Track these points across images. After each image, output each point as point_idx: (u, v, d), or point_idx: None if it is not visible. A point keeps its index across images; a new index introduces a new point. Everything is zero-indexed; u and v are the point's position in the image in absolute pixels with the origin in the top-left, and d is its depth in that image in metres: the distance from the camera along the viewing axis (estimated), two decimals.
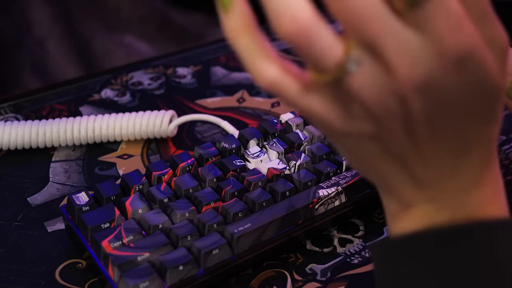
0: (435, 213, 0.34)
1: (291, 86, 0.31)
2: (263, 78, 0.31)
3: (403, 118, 0.31)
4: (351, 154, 0.35)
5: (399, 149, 0.33)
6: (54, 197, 0.55)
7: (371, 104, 0.31)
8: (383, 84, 0.30)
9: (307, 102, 0.32)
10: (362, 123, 0.32)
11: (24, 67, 1.49)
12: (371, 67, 0.30)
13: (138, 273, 0.43)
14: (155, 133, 0.61)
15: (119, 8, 1.59)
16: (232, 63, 0.76)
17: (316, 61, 0.30)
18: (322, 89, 0.31)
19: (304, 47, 0.29)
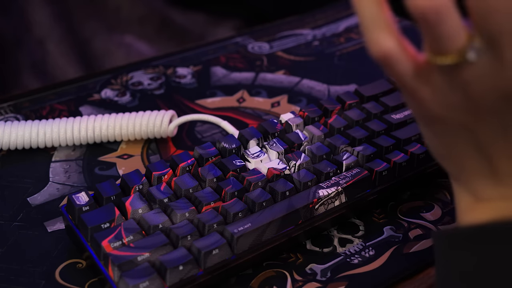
0: (506, 210, 0.34)
1: (404, 62, 0.32)
2: (379, 47, 0.31)
3: (504, 116, 0.32)
4: (438, 140, 0.35)
5: (490, 143, 0.33)
6: (54, 197, 0.55)
7: (478, 97, 0.31)
8: (494, 81, 0.31)
9: (415, 83, 0.32)
10: (462, 113, 0.32)
11: (24, 67, 1.49)
12: (487, 62, 0.30)
13: (138, 273, 0.43)
14: (155, 133, 0.61)
15: (119, 8, 1.59)
16: (232, 63, 0.76)
17: (440, 41, 0.30)
18: (434, 74, 0.32)
19: (433, 23, 0.30)
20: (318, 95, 0.70)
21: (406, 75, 0.32)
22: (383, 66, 0.33)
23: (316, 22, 0.86)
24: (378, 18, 0.31)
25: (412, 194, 0.55)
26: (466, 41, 0.30)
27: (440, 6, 0.29)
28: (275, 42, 0.81)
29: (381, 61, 0.32)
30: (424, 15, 0.30)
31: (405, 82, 0.33)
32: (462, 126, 0.33)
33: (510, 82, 0.31)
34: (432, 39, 0.31)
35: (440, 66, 0.32)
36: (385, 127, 0.57)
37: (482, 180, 0.35)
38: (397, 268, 0.48)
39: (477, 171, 0.35)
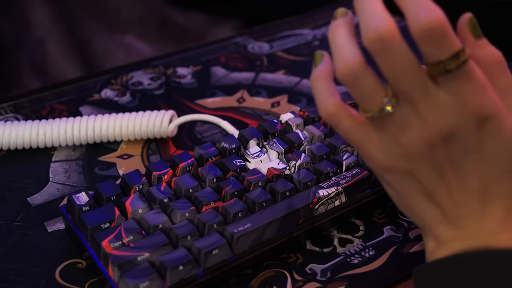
0: (462, 248, 0.38)
1: (345, 119, 0.39)
2: (325, 109, 0.38)
3: (432, 160, 0.37)
4: (393, 190, 0.41)
5: (432, 187, 0.38)
6: (54, 197, 0.55)
7: (406, 144, 0.37)
8: (416, 129, 0.36)
9: (355, 134, 0.39)
10: (399, 160, 0.38)
11: (24, 67, 1.49)
12: (407, 113, 0.36)
13: (138, 273, 0.43)
14: (155, 133, 0.61)
15: (119, 8, 1.59)
16: (232, 63, 0.76)
17: (361, 98, 0.37)
18: (370, 127, 0.38)
19: (352, 85, 0.37)
20: None
21: (348, 131, 0.39)
22: (330, 124, 0.39)
23: (316, 22, 0.86)
24: (324, 89, 0.39)
25: None
26: (384, 96, 0.36)
27: (355, 70, 0.36)
28: (275, 42, 0.81)
29: (327, 120, 0.39)
30: (343, 79, 0.37)
31: (349, 137, 0.39)
32: (405, 173, 0.38)
33: (431, 131, 0.36)
34: (356, 97, 0.37)
35: (371, 120, 0.38)
36: None
37: (438, 225, 0.39)
38: (397, 268, 0.48)
39: (432, 218, 0.39)
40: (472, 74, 0.35)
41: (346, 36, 0.37)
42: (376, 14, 0.35)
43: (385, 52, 0.35)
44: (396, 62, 0.35)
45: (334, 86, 0.39)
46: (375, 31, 0.35)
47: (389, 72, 0.36)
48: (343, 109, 0.39)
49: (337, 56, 0.37)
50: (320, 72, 0.39)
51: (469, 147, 0.37)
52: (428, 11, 0.34)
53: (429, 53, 0.35)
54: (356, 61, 0.36)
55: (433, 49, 0.35)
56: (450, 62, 0.35)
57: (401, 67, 0.35)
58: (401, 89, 0.36)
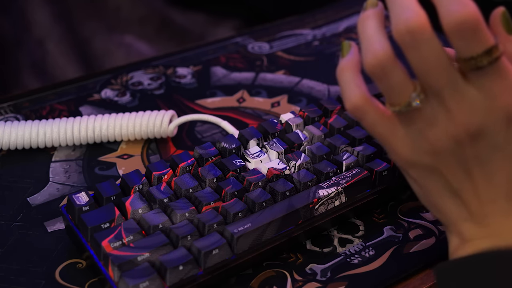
0: (487, 246, 0.38)
1: (372, 112, 0.38)
2: (351, 101, 0.38)
3: (459, 157, 0.37)
4: (418, 186, 0.41)
5: (458, 185, 0.38)
6: (54, 197, 0.55)
7: (433, 140, 0.37)
8: (443, 125, 0.36)
9: (381, 128, 0.38)
10: (425, 155, 0.38)
11: (24, 67, 1.49)
12: (435, 108, 0.36)
13: (138, 273, 0.43)
14: (155, 133, 0.61)
15: (119, 8, 1.59)
16: (232, 63, 0.76)
17: (390, 92, 0.37)
18: (397, 121, 0.38)
19: (380, 77, 0.36)
20: (318, 95, 0.70)
21: (374, 124, 0.38)
22: (356, 118, 0.39)
23: (316, 22, 0.86)
24: (351, 80, 0.38)
25: (412, 194, 0.55)
26: (412, 90, 0.36)
27: (384, 62, 0.36)
28: (275, 42, 0.81)
29: (353, 112, 0.38)
30: (371, 71, 0.36)
31: (375, 130, 0.39)
32: (431, 169, 0.38)
33: (459, 127, 0.36)
34: (384, 91, 0.37)
35: (398, 114, 0.37)
36: None
37: (464, 223, 0.39)
38: (397, 268, 0.48)
39: (457, 215, 0.39)
40: (504, 71, 0.35)
41: (375, 27, 0.37)
42: (407, 6, 0.35)
43: (415, 44, 0.34)
44: (426, 56, 0.35)
45: (361, 78, 0.38)
46: (406, 23, 0.34)
47: (419, 66, 0.35)
48: (369, 102, 0.38)
49: (366, 48, 0.36)
50: (347, 63, 0.38)
51: (497, 145, 0.36)
52: (461, 5, 0.33)
53: (461, 48, 0.34)
54: (385, 53, 0.36)
55: (465, 44, 0.34)
56: (482, 58, 0.34)
57: (430, 61, 0.35)
58: (430, 83, 0.35)
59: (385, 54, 0.36)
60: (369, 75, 0.37)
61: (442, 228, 0.51)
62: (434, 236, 0.51)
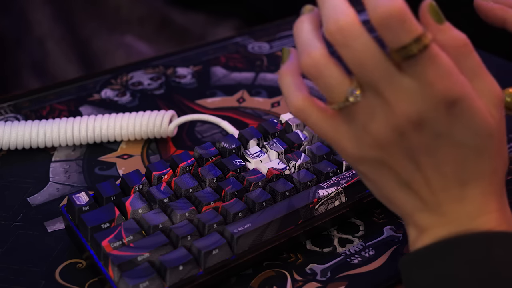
0: (443, 234, 0.38)
1: (314, 113, 0.39)
2: (294, 104, 0.39)
3: (404, 148, 0.37)
4: (368, 181, 0.41)
5: (407, 176, 0.38)
6: (54, 197, 0.55)
7: (376, 134, 0.37)
8: (384, 117, 0.36)
9: (325, 127, 0.39)
10: (370, 149, 0.38)
11: (24, 67, 1.49)
12: (373, 102, 0.36)
13: (138, 273, 0.43)
14: (155, 133, 0.61)
15: (119, 8, 1.59)
16: (232, 63, 0.76)
17: (326, 90, 0.37)
18: (339, 119, 0.38)
19: (316, 76, 0.37)
20: (318, 95, 0.70)
21: (318, 124, 0.39)
22: (300, 120, 0.39)
23: None
24: (291, 84, 0.39)
25: None
26: (348, 86, 0.37)
27: (318, 61, 0.36)
28: (275, 42, 0.81)
29: (296, 115, 0.39)
30: (307, 71, 0.37)
31: (320, 130, 0.39)
32: (378, 162, 0.38)
33: (399, 117, 0.36)
34: (322, 90, 0.37)
35: (339, 111, 0.38)
36: None
37: (419, 213, 0.39)
38: (397, 268, 0.48)
39: (411, 206, 0.39)
40: (436, 57, 0.35)
41: (309, 30, 0.38)
42: (336, 7, 0.36)
43: (346, 42, 0.35)
44: (358, 52, 0.35)
45: (301, 81, 0.39)
46: (335, 22, 0.35)
47: (352, 62, 0.36)
48: (311, 103, 0.39)
49: (301, 50, 0.37)
50: (287, 68, 0.39)
51: (440, 132, 0.36)
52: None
53: (390, 39, 0.35)
54: (319, 53, 0.36)
55: (394, 34, 0.35)
56: (412, 46, 0.34)
57: (363, 56, 0.35)
58: (365, 78, 0.36)
59: (319, 53, 0.36)
60: (306, 75, 0.37)
61: None
62: None
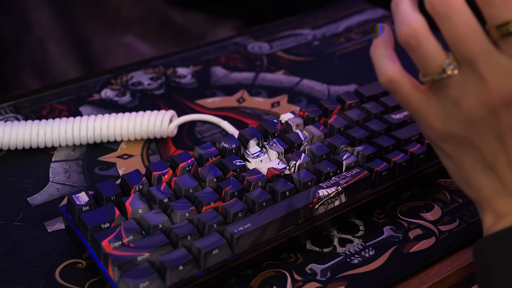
0: None
1: (405, 84, 0.39)
2: (385, 74, 0.39)
3: (494, 126, 0.37)
4: (451, 161, 0.40)
5: (492, 157, 0.38)
6: (54, 197, 0.55)
7: (467, 109, 0.37)
8: (477, 93, 0.36)
9: (415, 100, 0.39)
10: (459, 126, 0.38)
11: (24, 67, 1.49)
12: (468, 77, 0.36)
13: (138, 273, 0.43)
14: (155, 133, 0.61)
15: (119, 8, 1.59)
16: (232, 63, 0.76)
17: (423, 61, 0.37)
18: (430, 93, 0.38)
19: (413, 47, 0.37)
20: (318, 95, 0.70)
21: (409, 97, 0.39)
22: (390, 91, 0.40)
23: (316, 22, 0.86)
24: (384, 55, 0.39)
25: (412, 194, 0.55)
26: (445, 59, 0.37)
27: (417, 31, 0.37)
28: (275, 42, 0.81)
29: (387, 86, 0.39)
30: (405, 41, 0.37)
31: (409, 103, 0.39)
32: (465, 140, 0.38)
33: (493, 95, 0.36)
34: (417, 61, 0.38)
35: (432, 85, 0.38)
36: (385, 127, 0.57)
37: (497, 198, 0.39)
38: (397, 268, 0.48)
39: (491, 190, 0.39)
40: None
41: (408, 3, 0.38)
42: None
43: (447, 14, 0.35)
44: (459, 25, 0.35)
45: (394, 54, 0.40)
46: None
47: (451, 35, 0.36)
48: (403, 74, 0.39)
49: (400, 20, 0.37)
50: (380, 41, 0.40)
51: None
52: None
53: (492, 15, 0.35)
54: (419, 24, 0.37)
55: (497, 10, 0.35)
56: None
57: (463, 30, 0.35)
58: (463, 52, 0.36)
59: (419, 24, 0.37)
60: (403, 45, 0.38)
61: (472, 208, 0.51)
62: (434, 236, 0.51)
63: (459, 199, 0.55)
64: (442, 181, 0.57)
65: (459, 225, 0.52)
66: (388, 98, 0.60)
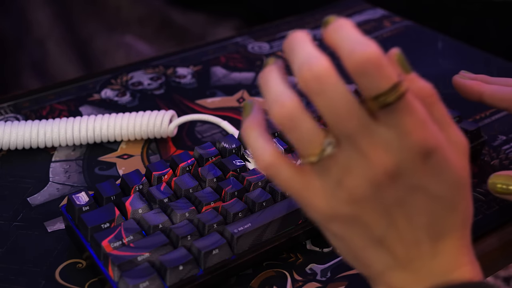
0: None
1: (285, 168, 0.36)
2: (264, 159, 0.36)
3: (380, 202, 0.35)
4: (339, 240, 0.38)
5: (381, 231, 0.36)
6: (54, 197, 0.55)
7: (351, 188, 0.35)
8: (360, 170, 0.35)
9: (296, 183, 0.36)
10: (344, 206, 0.36)
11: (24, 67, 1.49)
12: (350, 154, 0.35)
13: (138, 273, 0.43)
14: (155, 133, 0.61)
15: (119, 8, 1.59)
16: (232, 63, 0.76)
17: (300, 142, 0.35)
18: (311, 174, 0.36)
19: (290, 128, 0.35)
20: None
21: (289, 181, 0.36)
22: (270, 177, 0.37)
23: (316, 22, 0.86)
24: (258, 139, 0.37)
25: None
26: (324, 137, 0.35)
27: (292, 112, 0.34)
28: (275, 42, 0.81)
29: (266, 171, 0.37)
30: (280, 123, 0.35)
31: (290, 187, 0.37)
32: (352, 219, 0.36)
33: (376, 170, 0.34)
34: (295, 142, 0.35)
35: (313, 166, 0.36)
36: None
37: (390, 272, 0.37)
38: None
39: (383, 265, 0.37)
40: (412, 106, 0.34)
41: (279, 79, 0.36)
42: (309, 53, 0.34)
43: (322, 89, 0.34)
44: (334, 101, 0.34)
45: (268, 135, 0.37)
46: (310, 69, 0.34)
47: (328, 111, 0.34)
48: (282, 157, 0.36)
49: (273, 99, 0.35)
50: (252, 121, 0.37)
51: (416, 184, 0.35)
52: (362, 45, 0.33)
53: (367, 87, 0.34)
54: (293, 103, 0.35)
55: (371, 82, 0.33)
56: (389, 94, 0.33)
57: (339, 106, 0.34)
58: (341, 129, 0.34)
59: (294, 103, 0.35)
60: (278, 126, 0.35)
61: None
62: None
63: None
64: None
65: None
66: None
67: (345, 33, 0.34)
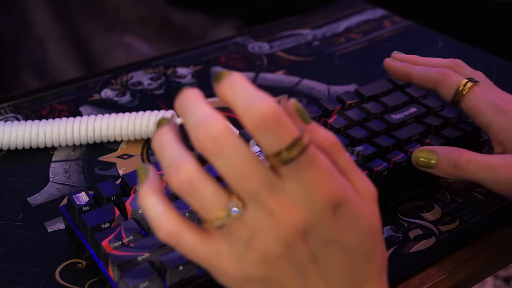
0: None
1: (189, 235, 0.34)
2: (164, 228, 0.34)
3: (293, 260, 0.34)
4: None
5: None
6: (54, 197, 0.55)
7: (261, 249, 0.34)
8: (269, 230, 0.33)
9: (202, 250, 0.35)
10: (256, 268, 0.34)
11: (24, 67, 1.49)
12: (256, 214, 0.33)
13: (138, 273, 0.43)
14: None
15: (119, 8, 1.59)
16: (232, 63, 0.76)
17: (202, 207, 0.33)
18: (218, 239, 0.34)
19: (190, 193, 0.33)
20: (318, 95, 0.70)
21: (194, 248, 0.35)
22: (173, 245, 0.35)
23: (316, 22, 0.86)
24: (158, 206, 0.34)
25: (412, 194, 0.55)
26: (228, 200, 0.33)
27: (192, 177, 0.33)
28: (275, 42, 0.81)
29: (167, 241, 0.35)
30: (179, 189, 0.33)
31: (196, 255, 0.35)
32: (265, 281, 0.35)
33: (285, 228, 0.33)
34: (197, 207, 0.34)
35: (218, 230, 0.34)
36: (385, 127, 0.57)
37: None
38: (397, 268, 0.48)
39: None
40: (316, 159, 0.33)
41: (173, 142, 0.34)
42: (203, 114, 0.33)
43: (220, 150, 0.32)
44: (234, 161, 0.32)
45: (167, 201, 0.35)
46: (206, 130, 0.32)
47: (229, 172, 0.33)
48: (184, 224, 0.34)
49: (168, 164, 0.33)
50: (149, 188, 0.35)
51: (328, 238, 0.34)
52: (258, 100, 0.32)
53: (267, 143, 0.32)
54: (191, 167, 0.33)
55: (271, 138, 0.32)
56: (291, 149, 0.32)
57: (239, 165, 0.32)
58: (245, 189, 0.33)
59: (191, 167, 0.33)
60: (177, 193, 0.34)
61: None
62: (434, 236, 0.51)
63: (459, 199, 0.55)
64: (442, 181, 0.57)
65: (459, 225, 0.52)
66: (388, 98, 0.60)
67: (239, 88, 0.33)
